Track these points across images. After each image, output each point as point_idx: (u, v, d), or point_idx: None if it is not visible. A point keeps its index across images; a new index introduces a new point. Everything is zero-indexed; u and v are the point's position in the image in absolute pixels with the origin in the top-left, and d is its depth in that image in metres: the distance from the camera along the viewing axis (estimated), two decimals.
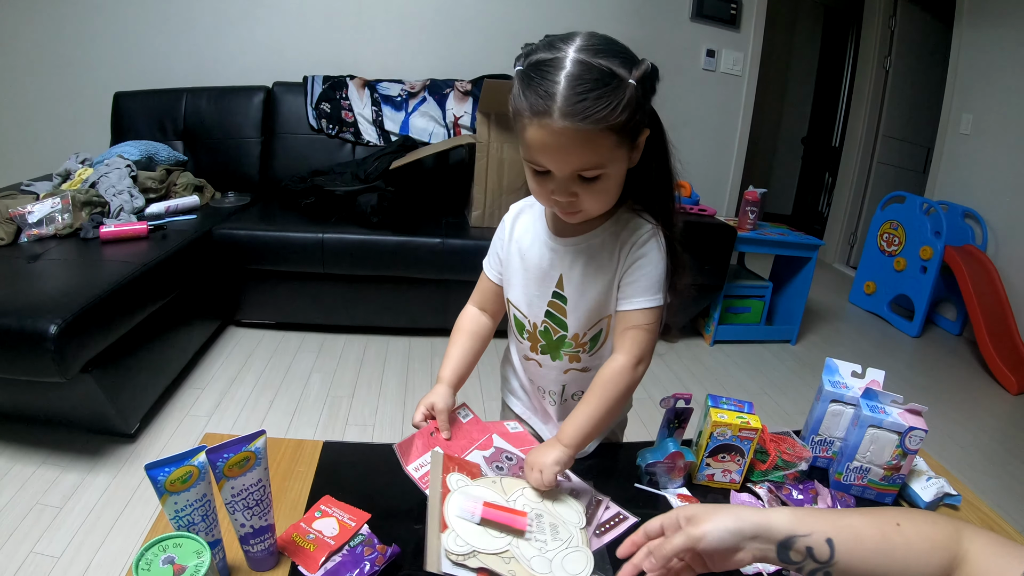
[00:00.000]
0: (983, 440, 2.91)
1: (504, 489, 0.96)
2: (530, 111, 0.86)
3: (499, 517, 0.89)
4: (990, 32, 4.18)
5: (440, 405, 1.09)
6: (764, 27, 4.46)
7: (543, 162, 0.90)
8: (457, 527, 0.87)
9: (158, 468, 0.71)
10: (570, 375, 1.15)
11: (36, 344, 1.81)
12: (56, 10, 3.61)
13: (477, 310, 1.23)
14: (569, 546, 0.89)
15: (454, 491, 0.92)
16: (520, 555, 0.85)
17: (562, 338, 1.11)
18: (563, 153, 0.88)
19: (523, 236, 1.12)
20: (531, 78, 0.86)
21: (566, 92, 0.83)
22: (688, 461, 1.06)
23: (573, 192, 0.92)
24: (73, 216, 2.58)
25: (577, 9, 4.12)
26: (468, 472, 0.98)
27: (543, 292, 1.10)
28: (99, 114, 3.61)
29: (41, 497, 1.93)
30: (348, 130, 3.68)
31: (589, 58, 0.85)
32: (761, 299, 3.62)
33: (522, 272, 1.11)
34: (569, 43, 0.86)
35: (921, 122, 5.14)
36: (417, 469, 0.96)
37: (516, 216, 1.15)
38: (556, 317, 1.10)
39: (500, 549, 0.85)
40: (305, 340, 3.14)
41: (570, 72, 0.84)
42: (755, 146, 5.12)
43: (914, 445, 1.05)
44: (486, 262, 1.20)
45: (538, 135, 0.87)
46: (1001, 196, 4.03)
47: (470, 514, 0.88)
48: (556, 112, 0.84)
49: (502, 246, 1.16)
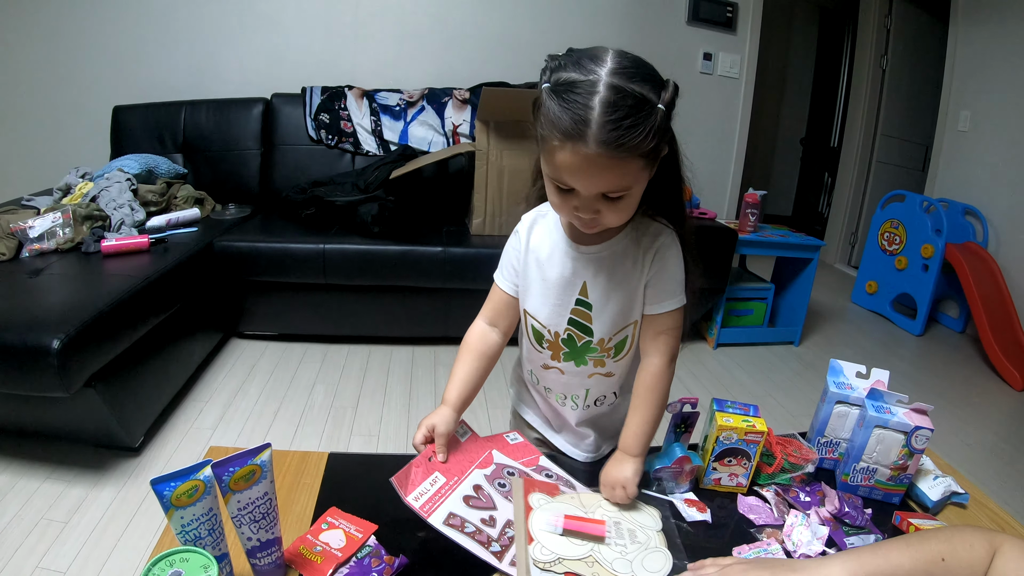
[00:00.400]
0: (989, 437, 2.90)
1: (583, 503, 1.00)
2: (562, 134, 0.85)
3: (580, 527, 0.93)
4: (986, 28, 4.18)
5: (441, 428, 1.06)
6: (760, 29, 4.47)
7: (570, 183, 0.89)
8: (542, 539, 0.91)
9: (164, 483, 0.71)
10: (594, 379, 1.15)
11: (39, 359, 1.80)
12: (54, 25, 3.63)
13: (487, 326, 1.19)
14: (648, 547, 0.93)
15: (536, 508, 0.96)
16: (602, 559, 0.89)
17: (587, 344, 1.10)
18: (593, 177, 0.88)
19: (540, 246, 1.10)
20: (562, 99, 0.84)
21: (601, 119, 0.82)
22: (695, 466, 1.06)
23: (596, 209, 0.92)
24: (74, 230, 2.58)
25: (573, 15, 4.12)
26: (547, 491, 1.01)
27: (565, 300, 1.09)
28: (99, 128, 3.62)
29: (46, 512, 1.93)
30: (347, 140, 3.68)
31: (623, 83, 0.83)
32: (763, 301, 3.62)
33: (541, 282, 1.10)
34: (600, 64, 0.85)
35: (919, 120, 5.14)
36: (417, 499, 0.94)
37: (531, 226, 1.13)
38: (581, 324, 1.09)
39: (583, 555, 0.90)
40: (308, 351, 3.14)
41: (604, 98, 0.82)
42: (754, 148, 5.13)
43: (920, 444, 1.05)
44: (499, 274, 1.17)
45: (569, 158, 0.86)
46: (1001, 192, 4.04)
47: (553, 526, 0.92)
48: (590, 138, 0.83)
49: (517, 257, 1.14)
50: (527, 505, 0.96)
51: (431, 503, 0.93)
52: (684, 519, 1.01)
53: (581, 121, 0.83)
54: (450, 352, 3.21)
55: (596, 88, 0.83)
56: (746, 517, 1.02)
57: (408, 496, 0.93)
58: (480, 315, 1.20)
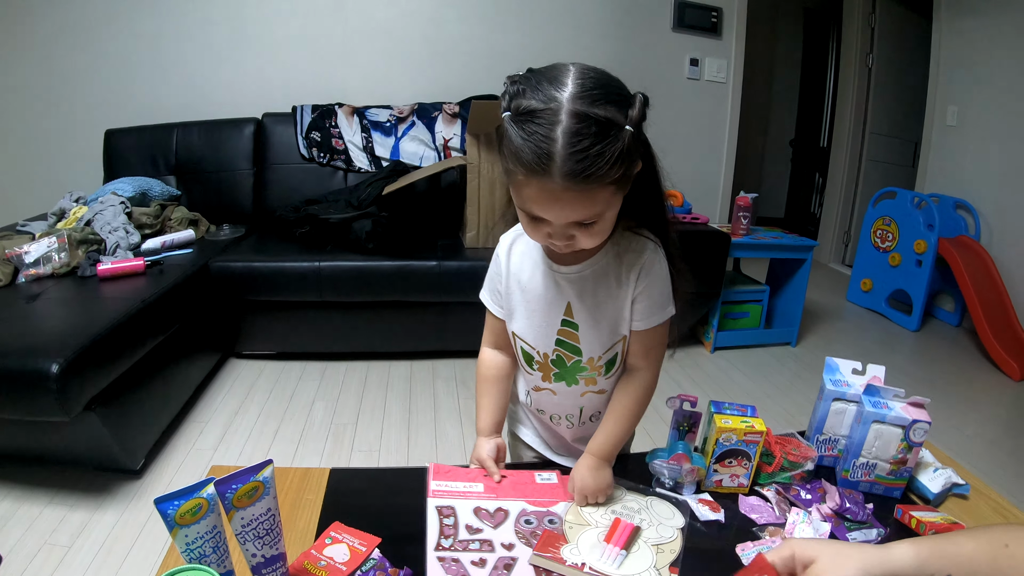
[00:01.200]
0: (989, 428, 2.91)
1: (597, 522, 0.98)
2: (526, 169, 0.81)
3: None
4: (969, 23, 4.21)
5: (483, 454, 1.09)
6: (745, 33, 4.50)
7: (539, 214, 0.87)
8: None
9: (167, 502, 0.71)
10: (587, 398, 1.14)
11: (39, 384, 1.81)
12: (46, 50, 3.64)
13: (493, 351, 1.19)
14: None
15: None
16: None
17: (577, 363, 1.09)
18: (563, 209, 0.85)
19: (521, 268, 1.09)
20: (523, 130, 0.81)
21: (564, 152, 0.78)
22: (696, 467, 1.06)
23: (571, 235, 0.90)
24: (70, 255, 2.59)
25: (559, 26, 4.15)
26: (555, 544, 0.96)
27: (551, 322, 1.07)
28: (91, 152, 3.63)
29: (49, 537, 1.92)
30: (339, 158, 3.69)
31: (586, 108, 0.79)
32: (759, 303, 3.63)
33: (525, 304, 1.09)
34: (561, 88, 0.81)
35: (907, 117, 5.17)
36: (438, 485, 1.00)
37: (509, 248, 1.11)
38: (569, 344, 1.08)
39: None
40: (306, 369, 3.14)
41: (567, 127, 0.78)
42: (744, 151, 5.14)
43: (918, 438, 1.06)
44: (487, 299, 1.16)
45: (535, 193, 0.84)
46: (991, 185, 4.06)
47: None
48: (555, 172, 0.79)
49: (500, 280, 1.12)
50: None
51: (445, 496, 0.98)
52: (699, 519, 1.02)
53: (544, 155, 0.79)
54: (448, 365, 3.22)
55: (558, 117, 0.79)
56: (748, 517, 1.03)
57: (434, 479, 1.00)
58: (484, 342, 1.20)
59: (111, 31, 3.68)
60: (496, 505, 0.99)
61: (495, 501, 1.00)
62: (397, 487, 1.11)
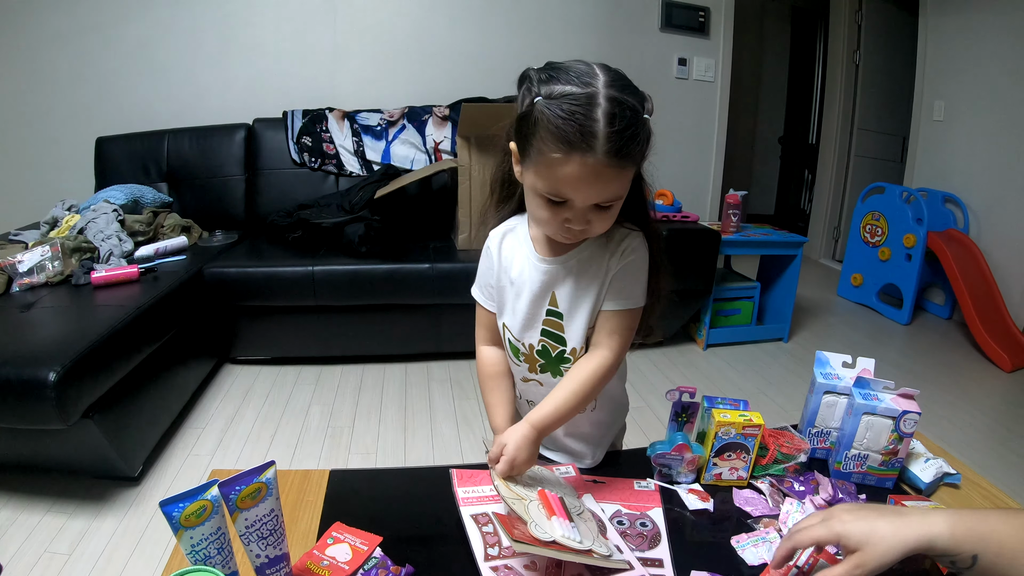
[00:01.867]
0: (981, 419, 2.93)
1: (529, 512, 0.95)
2: (567, 146, 0.85)
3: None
4: (954, 18, 4.25)
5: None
6: (733, 32, 4.52)
7: (569, 194, 0.90)
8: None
9: (172, 504, 0.72)
10: None
11: (36, 392, 1.81)
12: (35, 59, 3.64)
13: (490, 348, 1.21)
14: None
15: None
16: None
17: (561, 353, 1.11)
18: (596, 187, 0.89)
19: (511, 261, 1.11)
20: (563, 111, 0.85)
21: (606, 130, 0.84)
22: (697, 456, 1.08)
23: (588, 219, 0.94)
24: (63, 263, 2.59)
25: (549, 28, 4.17)
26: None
27: (537, 312, 1.09)
28: (82, 160, 3.63)
29: (49, 545, 1.92)
30: (330, 162, 3.70)
31: (619, 95, 0.86)
32: (750, 300, 3.65)
33: (514, 297, 1.11)
34: (594, 77, 0.87)
35: (895, 113, 5.20)
36: (465, 492, 1.01)
37: (500, 242, 1.13)
38: (553, 334, 1.10)
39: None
40: (302, 373, 3.14)
41: (607, 109, 0.84)
42: (733, 149, 5.16)
43: (909, 428, 1.07)
44: (479, 295, 1.18)
45: (575, 170, 0.87)
46: (979, 178, 4.09)
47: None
48: (598, 149, 0.85)
49: (491, 274, 1.15)
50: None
51: (476, 502, 0.99)
52: (687, 508, 1.03)
53: (588, 132, 0.84)
54: (443, 367, 3.23)
55: (597, 100, 0.85)
56: (743, 510, 1.04)
57: (460, 486, 1.01)
58: (479, 340, 1.21)
59: (100, 39, 3.67)
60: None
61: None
62: (396, 487, 1.12)
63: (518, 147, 0.96)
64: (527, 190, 0.98)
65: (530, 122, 0.89)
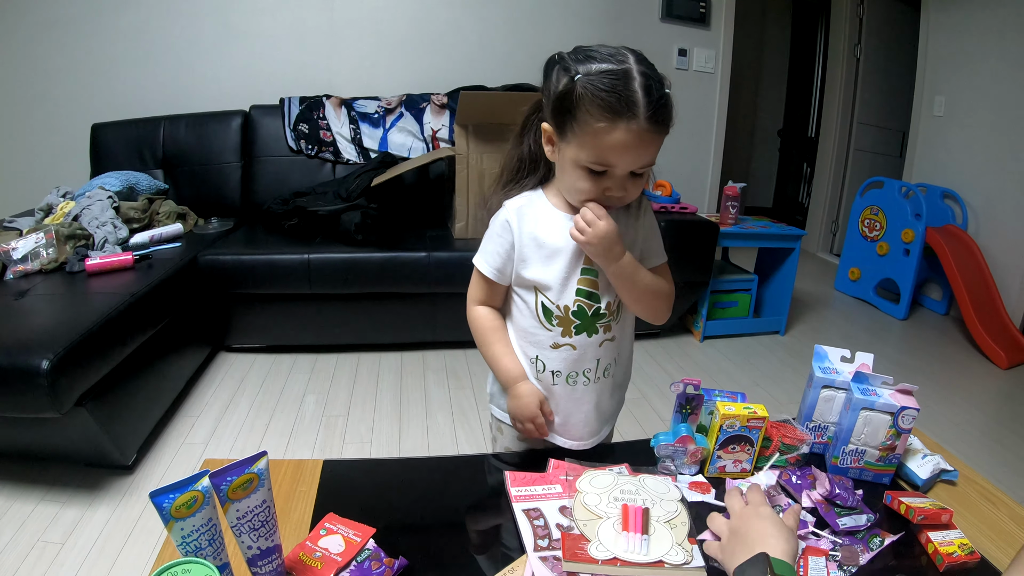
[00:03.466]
0: (977, 416, 2.94)
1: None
2: (613, 114, 0.94)
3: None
4: (957, 14, 4.23)
5: (533, 405, 1.17)
6: (734, 23, 4.51)
7: (614, 161, 0.98)
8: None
9: (163, 495, 0.72)
10: (604, 347, 1.17)
11: (29, 380, 1.80)
12: (30, 45, 3.62)
13: (484, 307, 1.23)
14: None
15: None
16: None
17: (597, 311, 1.13)
18: (640, 152, 0.98)
19: (538, 226, 1.12)
20: (603, 85, 0.94)
21: (646, 99, 0.94)
22: (701, 448, 1.08)
23: (626, 186, 1.03)
24: (58, 250, 2.57)
25: (548, 16, 4.15)
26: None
27: (573, 273, 1.12)
28: (77, 146, 3.61)
29: (42, 534, 1.92)
30: (327, 149, 3.68)
31: (648, 70, 0.96)
32: (747, 292, 3.65)
33: (545, 259, 1.12)
34: (625, 56, 0.97)
35: (895, 107, 5.19)
36: (519, 490, 1.02)
37: (519, 212, 1.14)
38: (589, 292, 1.12)
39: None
40: (297, 362, 3.14)
41: (643, 83, 0.94)
42: (732, 141, 5.15)
43: (907, 424, 1.07)
44: (485, 262, 1.17)
45: (621, 138, 0.95)
46: (978, 174, 4.08)
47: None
48: (641, 115, 0.94)
49: (507, 245, 1.15)
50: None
51: (528, 499, 1.00)
52: (687, 498, 1.03)
53: (632, 101, 0.93)
54: (438, 356, 3.22)
55: (633, 74, 0.95)
56: None
57: (513, 486, 1.02)
58: (473, 300, 1.23)
59: (96, 24, 3.65)
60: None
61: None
62: (390, 478, 1.11)
63: (556, 125, 1.03)
64: (567, 164, 1.04)
65: (572, 98, 0.97)
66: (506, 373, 1.19)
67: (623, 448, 1.24)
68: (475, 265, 1.19)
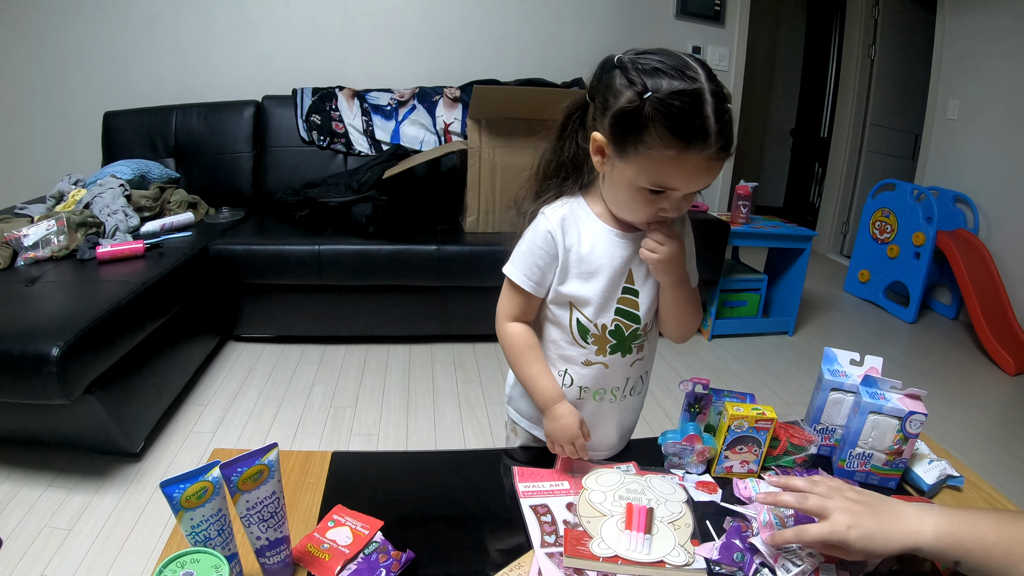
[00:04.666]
0: (984, 422, 2.93)
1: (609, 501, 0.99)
2: (685, 144, 0.88)
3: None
4: (973, 17, 4.20)
5: (574, 426, 1.09)
6: (748, 22, 4.49)
7: (678, 186, 0.93)
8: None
9: (173, 485, 0.72)
10: (634, 367, 1.15)
11: (39, 367, 1.81)
12: (43, 32, 3.63)
13: (517, 324, 1.15)
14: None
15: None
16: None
17: (635, 331, 1.11)
18: (706, 178, 0.92)
19: (581, 241, 1.07)
20: (676, 110, 0.87)
21: (717, 126, 0.87)
22: (708, 447, 1.09)
23: (681, 206, 0.97)
24: (69, 238, 2.59)
25: (563, 11, 4.14)
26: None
27: (614, 291, 1.08)
28: (90, 134, 3.62)
29: (49, 520, 1.93)
30: (339, 141, 3.69)
31: (719, 89, 0.89)
32: (757, 292, 3.64)
33: (586, 276, 1.07)
34: (695, 71, 0.89)
35: (908, 109, 5.16)
36: (526, 486, 1.04)
37: (562, 224, 1.08)
38: (628, 312, 1.09)
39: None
40: (305, 352, 3.15)
41: (715, 106, 0.87)
42: (744, 140, 5.15)
43: (915, 429, 1.07)
44: (521, 274, 1.10)
45: (691, 166, 0.90)
46: (991, 179, 4.06)
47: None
48: (712, 144, 0.88)
49: (549, 256, 1.09)
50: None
51: (536, 495, 1.02)
52: (693, 499, 1.03)
53: (703, 130, 0.87)
54: (447, 350, 3.23)
55: (705, 96, 0.87)
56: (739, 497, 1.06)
57: (521, 482, 1.03)
58: (505, 316, 1.15)
59: (109, 12, 3.66)
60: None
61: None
62: (399, 471, 1.12)
63: (615, 140, 0.94)
64: (622, 183, 0.97)
65: (640, 119, 0.89)
66: (544, 395, 1.12)
67: (630, 446, 1.24)
68: (508, 276, 1.12)
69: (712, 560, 0.89)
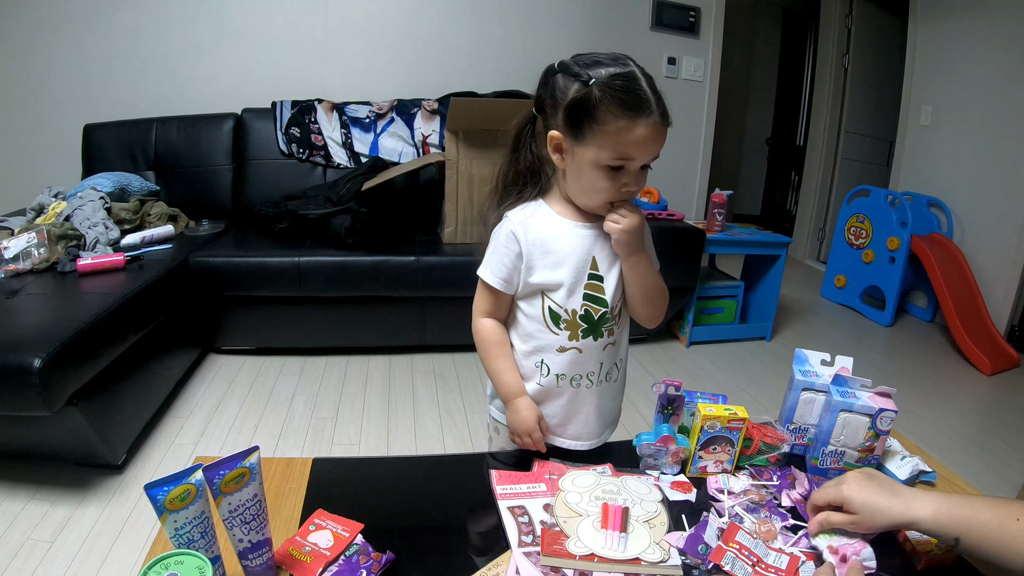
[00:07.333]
0: (961, 421, 2.97)
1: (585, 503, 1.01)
2: (633, 111, 1.00)
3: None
4: (944, 25, 4.28)
5: (531, 420, 1.19)
6: (723, 32, 4.54)
7: (635, 154, 1.04)
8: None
9: (157, 487, 0.73)
10: (607, 352, 1.21)
11: (21, 378, 1.80)
12: (23, 45, 3.62)
13: (489, 319, 1.24)
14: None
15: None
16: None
17: (603, 315, 1.17)
18: (656, 145, 1.05)
19: (544, 234, 1.15)
20: (619, 87, 1.00)
21: (654, 97, 1.02)
22: (682, 447, 1.11)
23: (639, 181, 1.08)
24: (49, 250, 2.58)
25: (538, 24, 4.18)
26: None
27: (580, 278, 1.15)
28: (70, 147, 3.61)
29: (32, 532, 1.92)
30: (318, 153, 3.70)
31: (647, 72, 1.04)
32: (734, 299, 3.67)
33: (553, 265, 1.15)
34: (626, 59, 1.05)
35: (882, 116, 5.24)
36: (503, 488, 1.04)
37: (524, 222, 1.16)
38: (596, 297, 1.16)
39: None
40: (286, 364, 3.14)
41: (648, 83, 1.03)
42: (721, 149, 5.19)
43: (885, 426, 1.09)
44: (491, 273, 1.19)
45: (642, 132, 1.01)
46: (963, 183, 4.13)
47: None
48: (655, 111, 1.01)
49: (513, 255, 1.16)
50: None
51: (513, 497, 1.02)
52: (668, 499, 1.05)
53: (646, 100, 1.01)
54: (426, 360, 3.23)
55: (638, 75, 1.02)
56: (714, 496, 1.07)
57: (499, 484, 1.04)
58: (479, 312, 1.24)
59: (89, 25, 3.65)
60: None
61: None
62: (378, 476, 1.13)
63: (571, 129, 1.06)
64: (584, 166, 1.07)
65: (590, 102, 1.01)
66: (507, 388, 1.22)
67: (607, 448, 1.26)
68: (480, 277, 1.21)
69: (679, 549, 0.91)
